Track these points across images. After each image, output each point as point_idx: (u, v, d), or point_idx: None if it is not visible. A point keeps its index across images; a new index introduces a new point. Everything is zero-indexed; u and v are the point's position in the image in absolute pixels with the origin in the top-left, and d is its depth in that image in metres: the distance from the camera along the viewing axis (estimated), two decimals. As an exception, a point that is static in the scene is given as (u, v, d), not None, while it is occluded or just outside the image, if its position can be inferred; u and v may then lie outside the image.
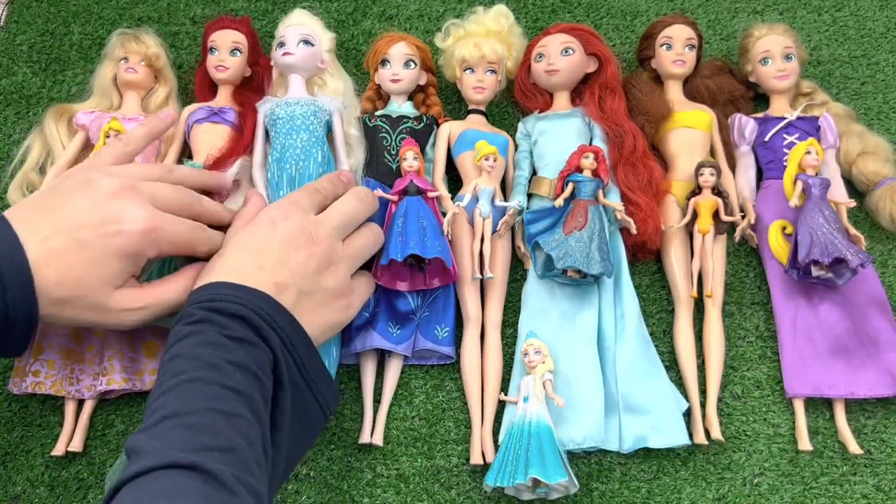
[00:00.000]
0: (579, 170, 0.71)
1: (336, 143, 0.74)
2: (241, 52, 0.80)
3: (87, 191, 0.56)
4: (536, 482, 0.60)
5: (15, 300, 0.51)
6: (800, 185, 0.71)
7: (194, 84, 0.84)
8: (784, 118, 0.79)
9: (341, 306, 0.59)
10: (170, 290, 0.59)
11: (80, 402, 0.69)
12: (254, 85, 0.82)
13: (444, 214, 0.71)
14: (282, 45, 0.76)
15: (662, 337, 0.73)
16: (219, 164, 0.73)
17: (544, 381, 0.64)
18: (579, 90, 0.81)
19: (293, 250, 0.55)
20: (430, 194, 0.71)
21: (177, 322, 0.52)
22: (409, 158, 0.72)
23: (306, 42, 0.76)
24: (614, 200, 0.72)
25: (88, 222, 0.54)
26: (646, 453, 0.67)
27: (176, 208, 0.59)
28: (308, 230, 0.57)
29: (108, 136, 0.71)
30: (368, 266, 0.68)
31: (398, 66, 0.79)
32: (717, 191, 0.73)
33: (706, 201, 0.73)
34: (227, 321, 0.49)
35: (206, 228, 0.61)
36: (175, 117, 0.70)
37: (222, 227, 0.64)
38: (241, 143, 0.75)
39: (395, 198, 0.71)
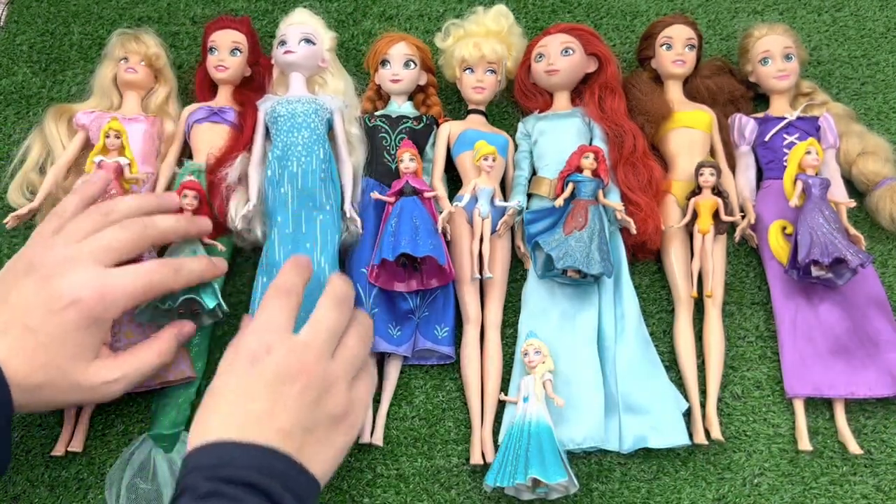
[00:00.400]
0: (579, 170, 0.71)
1: (338, 141, 0.74)
2: (241, 51, 0.80)
3: (30, 275, 0.54)
4: (536, 482, 0.60)
5: None
6: (800, 185, 0.71)
7: (194, 84, 0.84)
8: (784, 118, 0.79)
9: (346, 426, 0.54)
10: (147, 355, 0.59)
11: (80, 402, 0.69)
12: (254, 85, 0.82)
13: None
14: (283, 43, 0.76)
15: (662, 337, 0.73)
16: (220, 163, 0.73)
17: (544, 381, 0.64)
18: (579, 90, 0.81)
19: (286, 386, 0.50)
20: (427, 194, 0.71)
21: (179, 495, 0.48)
22: (406, 160, 0.72)
23: (307, 41, 0.76)
24: (614, 200, 0.72)
25: (36, 306, 0.53)
26: (646, 453, 0.67)
27: (128, 250, 0.58)
28: (296, 359, 0.52)
29: (107, 136, 0.71)
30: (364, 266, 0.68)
31: (398, 67, 0.79)
32: (717, 191, 0.73)
33: (706, 201, 0.73)
34: (236, 492, 0.45)
35: (168, 263, 0.59)
36: (107, 178, 0.66)
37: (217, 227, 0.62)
38: (241, 143, 0.75)
39: (392, 199, 0.71)
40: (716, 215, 0.73)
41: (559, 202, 0.70)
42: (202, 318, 0.69)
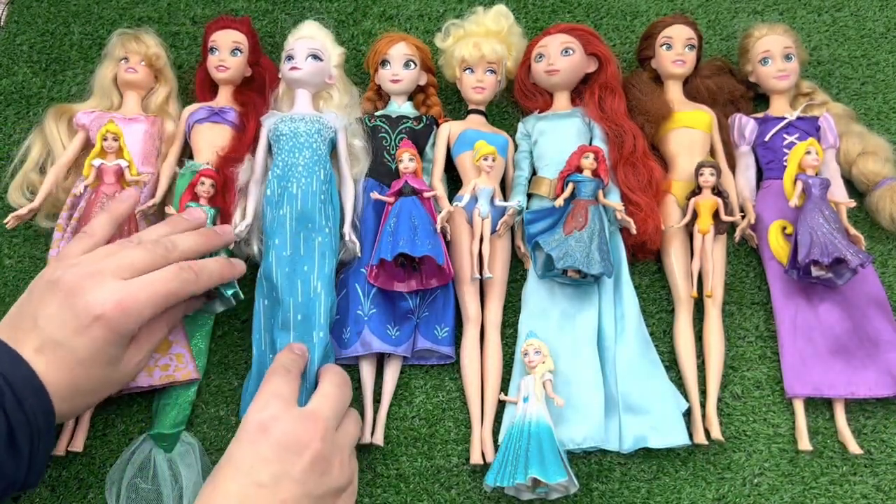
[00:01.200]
0: (579, 170, 0.71)
1: (340, 159, 0.74)
2: (241, 51, 0.80)
3: (54, 292, 0.55)
4: (536, 482, 0.60)
5: (34, 411, 0.51)
6: (800, 185, 0.71)
7: (194, 84, 0.84)
8: (784, 118, 0.79)
9: (347, 496, 0.55)
10: (160, 332, 0.63)
11: (81, 402, 0.69)
12: (255, 85, 0.82)
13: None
14: (290, 58, 0.75)
15: (662, 337, 0.73)
16: (225, 162, 0.74)
17: (544, 382, 0.64)
18: (579, 90, 0.81)
19: (294, 457, 0.51)
20: (426, 194, 0.71)
21: None
22: (406, 160, 0.72)
23: (315, 57, 0.75)
24: (614, 200, 0.72)
25: (64, 324, 0.54)
26: (646, 453, 0.67)
27: (150, 267, 0.59)
28: (304, 428, 0.52)
29: (104, 139, 0.71)
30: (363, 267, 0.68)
31: (398, 67, 0.79)
32: (717, 191, 0.73)
33: (706, 201, 0.73)
34: None
35: (189, 267, 0.60)
36: (136, 197, 0.67)
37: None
38: (244, 143, 0.75)
39: (392, 199, 0.71)
40: (716, 215, 0.73)
41: (559, 202, 0.70)
42: (215, 304, 0.70)
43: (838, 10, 0.92)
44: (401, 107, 0.79)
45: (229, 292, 0.67)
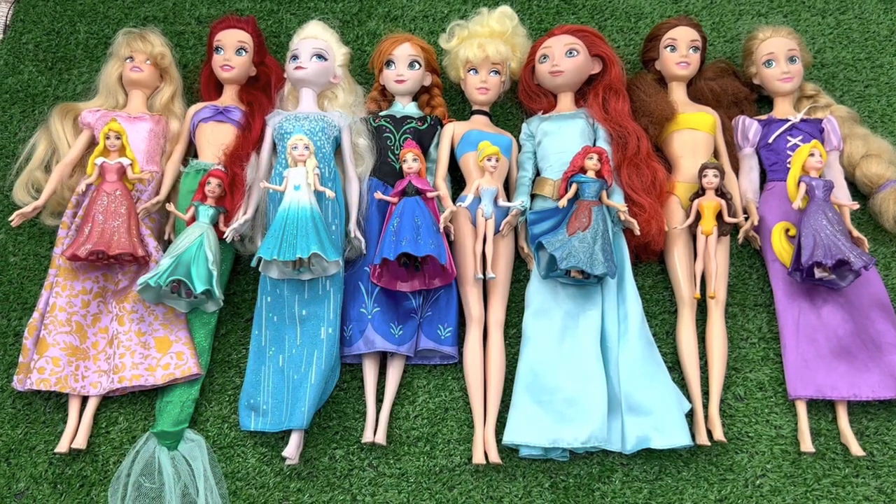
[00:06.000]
0: (583, 171, 0.71)
1: (345, 157, 0.75)
2: (246, 51, 0.80)
3: None
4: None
5: None
6: (803, 187, 0.71)
7: (199, 83, 0.85)
8: (788, 120, 0.79)
9: None
10: None
11: (84, 400, 0.69)
12: (260, 84, 0.82)
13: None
14: (295, 58, 0.76)
15: (665, 338, 0.73)
16: (232, 159, 0.74)
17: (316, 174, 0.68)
18: (583, 91, 0.81)
19: None
20: (429, 194, 0.71)
21: None
22: (409, 160, 0.72)
23: (319, 56, 0.76)
24: (618, 201, 0.72)
25: None
26: (648, 454, 0.67)
27: None
28: None
29: (107, 138, 0.72)
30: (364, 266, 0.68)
31: (403, 67, 0.79)
32: (721, 192, 0.73)
33: (710, 203, 0.73)
34: None
35: None
36: None
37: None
38: (249, 141, 0.75)
39: (395, 199, 0.71)
40: (719, 217, 0.73)
41: (563, 203, 0.70)
42: (208, 305, 0.70)
43: (842, 12, 0.92)
44: (405, 107, 0.79)
45: (200, 289, 0.66)
